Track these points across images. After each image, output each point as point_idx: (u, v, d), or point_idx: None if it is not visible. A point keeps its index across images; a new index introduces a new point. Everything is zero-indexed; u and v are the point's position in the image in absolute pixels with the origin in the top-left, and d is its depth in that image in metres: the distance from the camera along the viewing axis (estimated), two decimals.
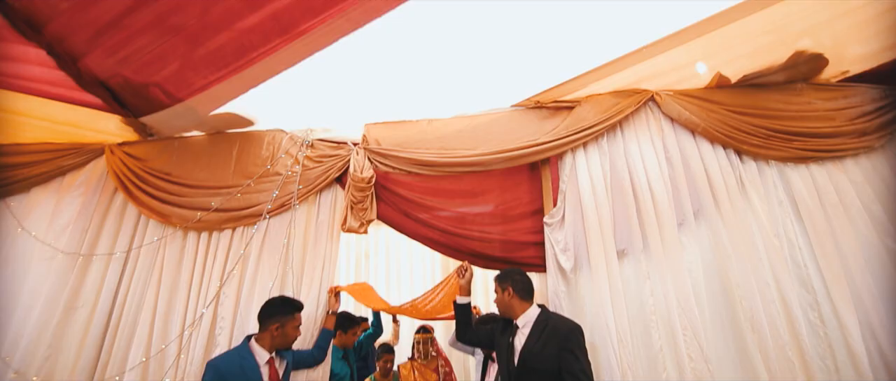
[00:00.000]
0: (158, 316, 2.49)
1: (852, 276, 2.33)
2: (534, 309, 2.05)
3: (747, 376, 2.18)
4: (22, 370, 2.37)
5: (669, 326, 2.28)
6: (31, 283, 2.60)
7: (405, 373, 3.09)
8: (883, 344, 2.20)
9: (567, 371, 1.80)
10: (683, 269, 2.39)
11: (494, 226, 2.60)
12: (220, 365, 1.93)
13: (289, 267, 2.53)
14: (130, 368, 2.37)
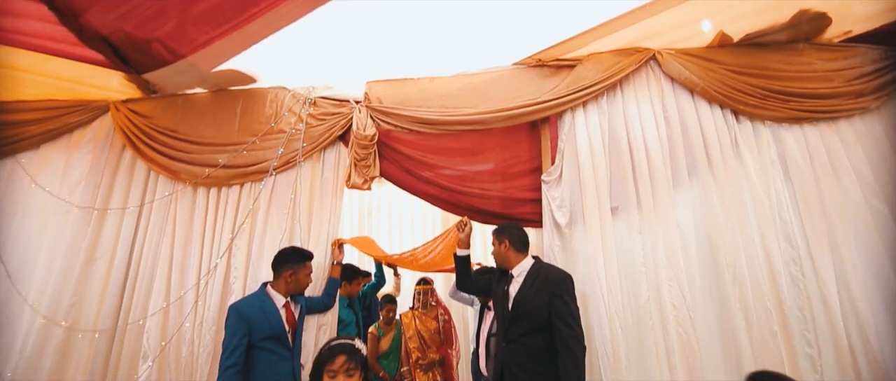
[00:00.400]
0: (175, 266, 2.63)
1: (834, 232, 2.45)
2: (528, 260, 2.18)
3: (726, 323, 2.35)
4: (50, 316, 2.54)
5: (656, 277, 2.43)
6: (49, 236, 2.72)
7: (407, 321, 3.29)
8: (856, 296, 2.35)
9: (556, 316, 1.95)
10: (673, 225, 2.51)
11: (494, 183, 2.69)
12: (242, 308, 2.08)
13: (296, 221, 2.64)
14: (152, 314, 2.54)
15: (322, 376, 1.47)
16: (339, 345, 1.50)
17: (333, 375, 1.45)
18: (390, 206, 4.69)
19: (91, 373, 2.51)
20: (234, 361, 1.93)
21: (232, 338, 1.97)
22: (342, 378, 1.44)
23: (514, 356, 2.03)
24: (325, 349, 1.52)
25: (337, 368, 1.45)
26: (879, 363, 2.22)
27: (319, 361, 1.49)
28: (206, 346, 2.43)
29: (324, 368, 1.47)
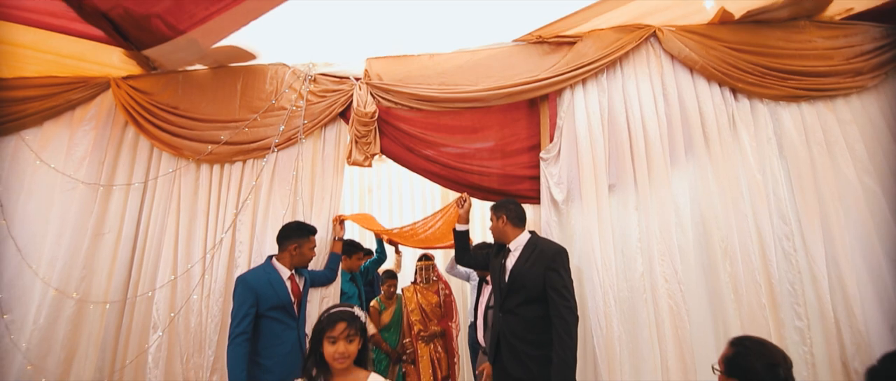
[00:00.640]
0: (181, 241, 2.69)
1: (826, 209, 2.50)
2: (525, 235, 2.24)
3: (716, 296, 2.43)
4: (62, 289, 2.62)
5: (650, 252, 2.49)
6: (56, 212, 2.77)
7: (409, 295, 3.38)
8: (843, 271, 2.42)
9: (551, 287, 2.02)
10: (669, 202, 2.56)
11: (493, 161, 2.73)
12: (249, 279, 2.16)
13: (299, 198, 2.69)
14: (160, 286, 2.62)
15: (322, 341, 1.48)
16: (338, 312, 1.51)
17: (334, 341, 1.46)
18: (390, 183, 4.73)
19: (103, 343, 2.60)
20: (243, 329, 2.01)
21: (241, 307, 2.05)
22: (342, 344, 1.46)
23: (510, 325, 2.11)
24: (324, 316, 1.53)
25: (337, 334, 1.46)
26: (862, 334, 2.30)
27: (320, 327, 1.50)
28: (213, 317, 2.52)
29: (324, 334, 1.48)
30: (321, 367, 1.48)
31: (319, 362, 1.49)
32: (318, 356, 1.49)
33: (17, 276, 2.67)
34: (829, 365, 2.36)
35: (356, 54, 2.88)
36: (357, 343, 1.49)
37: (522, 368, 2.03)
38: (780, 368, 1.19)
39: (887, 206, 2.45)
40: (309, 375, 1.48)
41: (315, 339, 1.50)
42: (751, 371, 1.23)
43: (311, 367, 1.49)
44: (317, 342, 1.49)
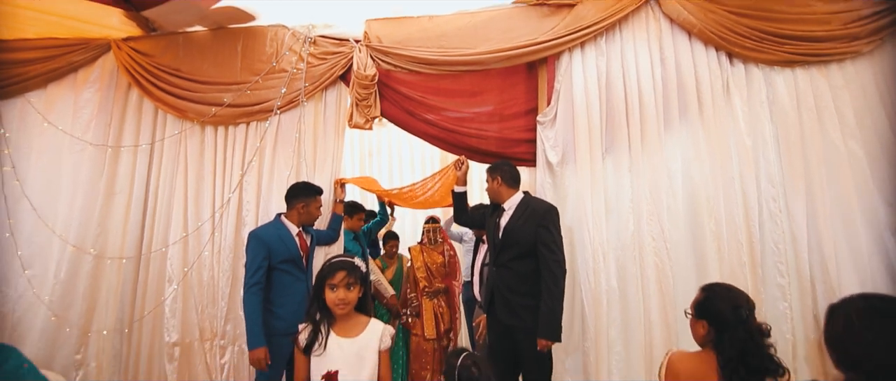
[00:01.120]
0: (190, 200, 2.80)
1: (810, 172, 2.60)
2: (518, 195, 2.35)
3: (700, 254, 2.56)
4: (79, 245, 2.75)
5: (639, 213, 2.61)
6: (67, 172, 2.86)
7: (415, 254, 3.53)
8: (822, 231, 2.55)
9: (541, 243, 2.15)
10: (660, 165, 2.65)
11: (491, 124, 2.79)
12: (261, 234, 2.29)
13: (302, 159, 2.78)
14: (173, 243, 2.75)
15: (324, 288, 1.55)
16: (339, 262, 1.57)
17: (334, 288, 1.52)
18: (391, 148, 4.81)
19: (122, 295, 2.76)
20: (257, 279, 2.16)
21: (254, 260, 2.19)
22: (342, 291, 1.53)
23: (503, 279, 2.26)
24: (325, 265, 1.59)
25: (337, 282, 1.52)
26: (834, 291, 2.45)
27: (321, 275, 1.57)
28: (225, 271, 2.67)
29: (325, 281, 1.55)
30: (324, 312, 1.57)
31: (322, 307, 1.57)
32: (321, 303, 1.57)
33: (34, 233, 2.79)
34: (802, 319, 2.54)
35: (356, 16, 2.88)
36: (357, 291, 1.56)
37: (514, 317, 2.19)
38: (743, 309, 1.33)
39: (869, 170, 2.53)
40: (313, 319, 1.57)
41: (318, 286, 1.58)
42: (717, 313, 1.36)
43: (315, 312, 1.57)
44: (319, 289, 1.57)
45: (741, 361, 1.28)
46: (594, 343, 2.46)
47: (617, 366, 2.49)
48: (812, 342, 2.49)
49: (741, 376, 1.28)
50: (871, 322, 0.98)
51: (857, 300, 1.05)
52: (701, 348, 1.43)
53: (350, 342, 1.54)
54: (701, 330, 1.41)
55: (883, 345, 0.96)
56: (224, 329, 2.64)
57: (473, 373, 1.44)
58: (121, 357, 2.74)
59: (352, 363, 1.51)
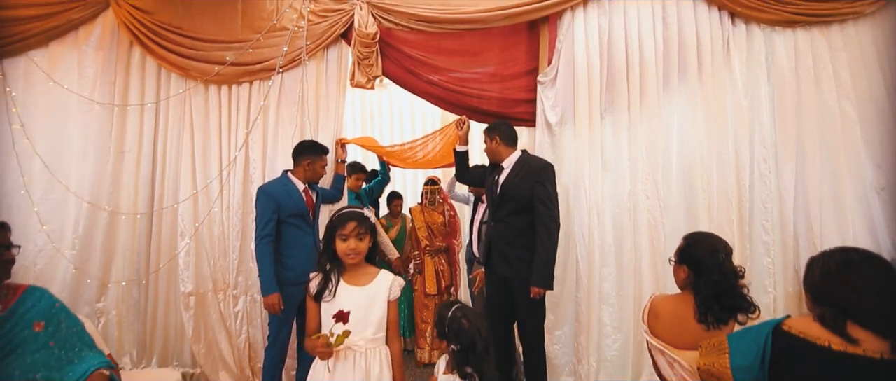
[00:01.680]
0: (198, 158, 2.87)
1: (802, 133, 2.67)
2: (516, 153, 2.43)
3: (691, 212, 2.67)
4: (93, 202, 2.85)
5: (635, 173, 2.70)
6: (75, 131, 2.90)
7: (415, 214, 3.64)
8: (809, 190, 2.65)
9: (537, 198, 2.24)
10: (657, 126, 2.71)
11: (492, 84, 2.82)
12: (269, 189, 2.38)
13: (306, 119, 2.83)
14: (183, 200, 2.85)
15: (335, 239, 1.55)
16: (349, 212, 1.58)
17: (345, 238, 1.53)
18: (392, 110, 4.83)
19: (137, 248, 2.89)
20: (267, 232, 2.27)
21: (263, 213, 2.29)
22: (353, 241, 1.53)
23: (500, 233, 2.37)
24: (335, 216, 1.59)
25: (348, 232, 1.52)
26: (816, 247, 2.58)
27: (332, 226, 1.57)
28: (234, 226, 2.78)
29: (336, 232, 1.55)
30: (334, 262, 1.58)
31: (332, 257, 1.58)
32: (331, 253, 1.57)
33: (48, 191, 2.86)
34: (784, 274, 2.68)
35: None
36: (367, 241, 1.57)
37: (511, 268, 2.32)
38: (720, 253, 1.44)
39: (860, 131, 2.60)
40: (323, 269, 1.58)
41: (328, 237, 1.58)
42: (696, 258, 1.47)
43: (325, 262, 1.58)
44: (329, 239, 1.57)
45: (716, 300, 1.41)
46: (586, 294, 2.60)
47: (608, 317, 2.66)
48: (791, 296, 2.64)
49: (715, 313, 1.40)
50: (847, 272, 1.09)
51: (835, 253, 1.15)
52: (681, 290, 1.55)
53: (360, 290, 1.56)
54: (682, 274, 1.52)
55: (855, 289, 1.07)
56: (236, 281, 2.78)
57: (463, 325, 1.47)
58: (139, 306, 2.90)
59: (361, 311, 1.51)
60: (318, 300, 1.56)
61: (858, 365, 1.03)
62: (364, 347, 1.51)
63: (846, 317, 1.06)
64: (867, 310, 1.04)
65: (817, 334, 1.07)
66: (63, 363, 1.48)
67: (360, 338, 1.50)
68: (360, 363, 1.49)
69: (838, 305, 1.07)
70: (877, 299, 1.04)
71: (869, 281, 1.06)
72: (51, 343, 1.49)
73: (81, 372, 1.46)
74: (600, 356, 2.61)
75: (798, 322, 1.13)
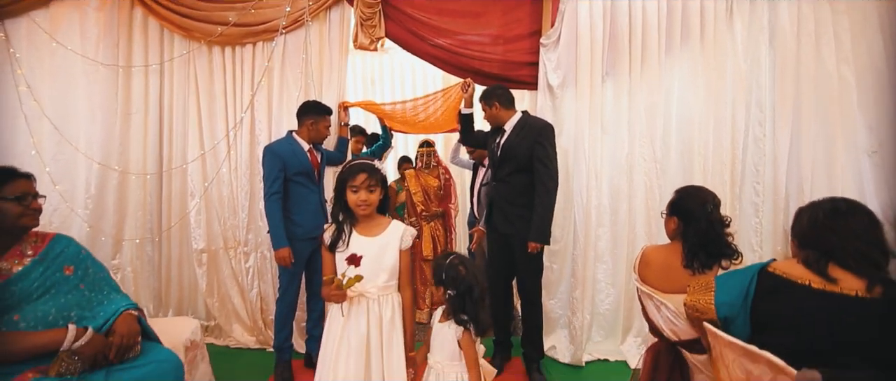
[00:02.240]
0: (204, 120, 2.91)
1: (800, 97, 2.70)
2: (517, 114, 2.48)
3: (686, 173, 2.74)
4: (104, 162, 2.91)
5: (633, 136, 2.76)
6: (81, 92, 2.93)
7: (411, 178, 3.69)
8: (802, 154, 2.72)
9: (536, 158, 2.32)
10: (658, 90, 2.74)
11: (495, 46, 2.83)
12: (275, 148, 2.44)
13: (310, 80, 2.86)
14: (191, 160, 2.92)
15: (346, 191, 1.56)
16: (359, 164, 1.57)
17: (356, 190, 1.53)
18: (393, 75, 4.83)
19: (149, 207, 2.98)
20: (275, 189, 2.36)
21: (271, 172, 2.37)
22: (364, 193, 1.54)
23: (501, 192, 2.46)
24: (346, 168, 1.58)
25: (359, 184, 1.53)
26: None
27: (342, 178, 1.57)
28: (243, 186, 2.87)
29: (347, 184, 1.55)
30: (346, 213, 1.60)
31: (344, 209, 1.60)
32: (343, 204, 1.59)
33: (58, 152, 2.92)
34: (773, 233, 2.78)
35: None
36: (378, 193, 1.58)
37: (511, 226, 2.42)
38: (709, 204, 1.53)
39: (856, 95, 2.63)
40: (336, 220, 1.61)
41: (339, 188, 1.59)
42: (686, 209, 1.56)
43: (338, 213, 1.61)
44: (341, 191, 1.58)
45: (703, 247, 1.50)
46: (583, 252, 2.71)
47: (603, 273, 2.79)
48: (778, 254, 2.75)
49: (701, 259, 1.51)
50: (834, 220, 1.16)
51: (824, 202, 1.22)
52: (671, 241, 1.65)
53: (372, 240, 1.57)
54: (672, 225, 1.62)
55: (840, 235, 1.13)
56: (246, 238, 2.89)
57: (460, 271, 1.50)
58: (154, 263, 3.02)
59: (374, 259, 1.53)
60: (333, 250, 1.59)
61: (835, 302, 1.09)
62: (376, 293, 1.55)
63: (829, 259, 1.13)
64: (849, 253, 1.11)
65: (800, 274, 1.15)
66: (93, 303, 1.59)
67: (373, 286, 1.53)
68: (374, 309, 1.54)
69: (823, 249, 1.14)
70: (860, 244, 1.11)
71: (854, 228, 1.13)
72: (81, 286, 1.59)
73: (111, 312, 1.57)
74: (594, 310, 2.75)
75: (782, 264, 1.22)
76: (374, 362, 1.51)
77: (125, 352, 1.52)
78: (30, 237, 1.57)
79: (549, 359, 2.71)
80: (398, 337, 1.56)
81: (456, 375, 1.52)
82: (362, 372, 1.50)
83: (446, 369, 1.52)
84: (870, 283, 1.08)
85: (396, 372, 1.52)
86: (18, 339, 1.36)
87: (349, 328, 1.53)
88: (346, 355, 1.51)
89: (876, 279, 1.08)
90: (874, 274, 1.09)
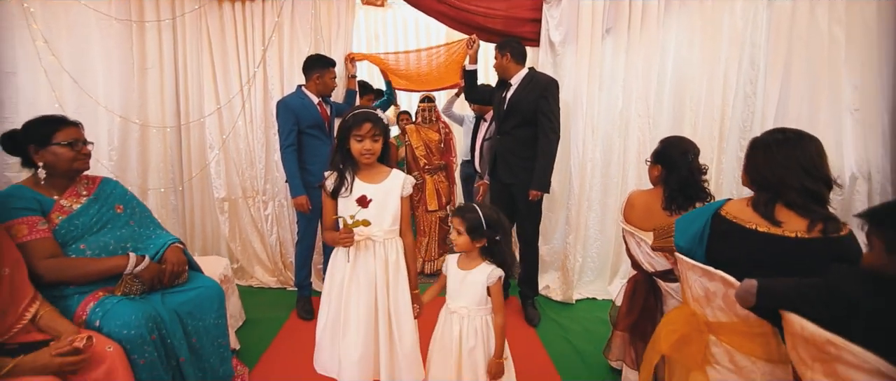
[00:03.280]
0: (218, 75, 3.03)
1: (791, 56, 2.81)
2: (524, 70, 2.60)
3: (678, 129, 2.90)
4: (124, 116, 3.06)
5: (629, 92, 2.89)
6: (97, 47, 3.01)
7: (412, 132, 3.81)
8: (790, 110, 2.86)
9: (540, 112, 2.47)
10: (656, 46, 2.85)
11: (499, 2, 2.90)
12: (288, 102, 2.59)
13: (319, 36, 2.95)
14: (208, 114, 3.06)
15: (349, 139, 1.55)
16: (364, 113, 1.55)
17: (360, 139, 1.53)
18: (396, 31, 4.86)
19: (171, 159, 3.16)
20: (291, 141, 2.53)
21: (285, 125, 2.53)
22: (368, 142, 1.54)
23: (506, 144, 2.63)
24: (350, 117, 1.56)
25: (364, 133, 1.53)
26: None
27: (346, 126, 1.55)
28: (259, 139, 3.04)
29: (351, 132, 1.54)
30: (348, 161, 1.60)
31: (346, 157, 1.60)
32: (346, 153, 1.59)
33: (80, 105, 3.05)
34: None
35: None
36: (380, 143, 1.59)
37: (513, 176, 2.61)
38: (690, 153, 1.71)
39: (844, 54, 2.74)
40: (337, 167, 1.60)
41: (342, 137, 1.58)
42: (668, 157, 1.75)
43: (339, 161, 1.60)
44: (344, 139, 1.58)
45: (681, 191, 1.70)
46: (577, 201, 2.93)
47: (593, 221, 3.02)
48: None
49: (679, 202, 1.71)
50: (781, 148, 1.22)
51: (774, 132, 1.28)
52: (653, 186, 1.84)
53: (376, 187, 1.59)
54: (655, 172, 1.81)
55: (786, 165, 1.19)
56: (264, 188, 3.10)
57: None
58: (179, 211, 3.24)
59: (378, 205, 1.56)
60: (335, 197, 1.60)
61: (778, 245, 1.17)
62: (382, 237, 1.59)
63: (776, 200, 1.21)
64: (794, 187, 1.19)
65: (748, 218, 1.24)
66: (143, 237, 1.81)
67: (379, 229, 1.57)
68: (379, 252, 1.58)
69: (771, 182, 1.23)
70: (803, 175, 1.19)
71: (799, 157, 1.19)
72: (131, 222, 1.81)
73: (160, 244, 1.79)
74: (585, 254, 3.01)
75: (734, 207, 1.30)
76: (381, 300, 1.56)
77: (175, 278, 1.76)
78: (82, 179, 1.76)
79: (543, 297, 3.00)
80: (403, 277, 1.61)
81: (482, 319, 1.55)
82: (373, 310, 1.56)
83: (472, 313, 1.54)
84: (811, 222, 1.16)
85: (403, 309, 1.59)
86: (88, 264, 1.59)
87: (358, 269, 1.57)
88: (357, 294, 1.56)
89: (817, 218, 1.16)
90: (815, 212, 1.18)
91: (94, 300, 1.55)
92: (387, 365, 1.56)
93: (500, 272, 1.54)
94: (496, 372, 1.53)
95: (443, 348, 1.59)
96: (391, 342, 1.58)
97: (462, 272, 1.58)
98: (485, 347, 1.55)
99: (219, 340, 1.85)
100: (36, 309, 1.44)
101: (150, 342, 1.52)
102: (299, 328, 2.63)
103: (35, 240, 1.51)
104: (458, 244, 1.54)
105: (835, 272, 0.97)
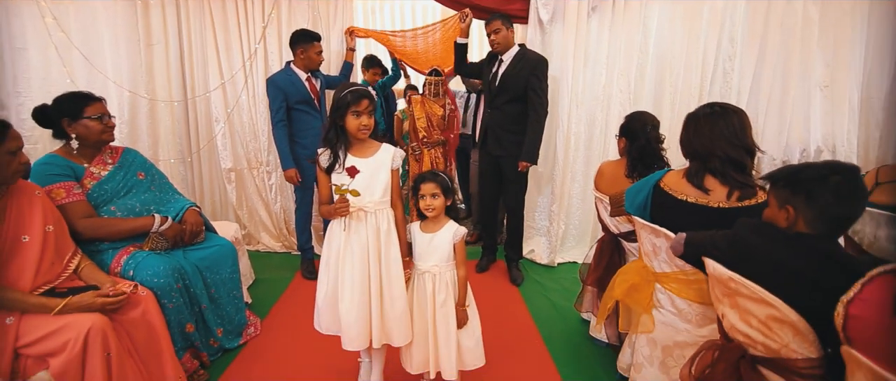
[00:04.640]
0: (221, 52, 3.17)
1: (767, 33, 2.96)
2: (515, 47, 2.75)
3: (657, 104, 3.07)
4: (133, 90, 3.22)
5: (612, 69, 3.04)
6: (104, 24, 3.13)
7: (416, 105, 3.93)
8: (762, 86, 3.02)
9: (530, 88, 2.63)
10: (638, 24, 2.98)
11: None
12: (276, 80, 2.73)
13: (316, 13, 3.07)
14: (213, 89, 3.23)
15: (346, 115, 1.59)
16: (361, 90, 1.60)
17: (358, 114, 1.59)
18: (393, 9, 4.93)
19: (179, 132, 3.34)
20: (280, 117, 2.69)
21: (274, 102, 2.68)
22: (365, 118, 1.61)
23: (496, 119, 2.80)
24: (347, 93, 1.59)
25: (362, 109, 1.59)
26: (758, 134, 3.03)
27: (344, 102, 1.58)
28: (261, 113, 3.21)
29: (348, 108, 1.58)
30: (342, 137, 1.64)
31: (340, 133, 1.63)
32: (338, 129, 1.63)
33: (90, 80, 3.20)
34: None
35: None
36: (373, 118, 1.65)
37: (503, 149, 2.79)
38: (649, 125, 1.90)
39: (818, 31, 2.88)
40: (332, 143, 1.63)
41: (339, 113, 1.61)
42: (632, 130, 1.94)
43: (334, 137, 1.63)
44: (340, 116, 1.61)
45: (641, 160, 1.90)
46: (561, 172, 3.13)
47: (576, 191, 3.23)
48: None
49: (640, 170, 1.91)
50: (708, 121, 1.35)
51: (703, 107, 1.41)
52: (621, 157, 2.05)
53: (367, 161, 1.65)
54: (621, 144, 2.01)
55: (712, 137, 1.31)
56: (267, 159, 3.29)
57: (448, 177, 1.70)
58: (188, 180, 3.45)
59: (369, 178, 1.64)
60: (330, 173, 1.66)
61: (704, 214, 1.30)
62: (373, 208, 1.66)
63: (706, 171, 1.33)
64: (718, 156, 1.31)
65: (682, 189, 1.38)
66: (164, 201, 2.03)
67: (370, 200, 1.65)
68: (371, 222, 1.66)
69: (700, 152, 1.35)
70: (726, 145, 1.31)
71: (722, 128, 1.31)
72: (152, 188, 2.02)
73: (179, 208, 2.01)
74: (568, 221, 3.24)
75: (672, 179, 1.42)
76: (374, 267, 1.65)
77: (195, 237, 1.99)
78: (106, 149, 1.96)
79: (527, 260, 3.25)
80: (395, 245, 1.69)
81: (451, 274, 1.69)
82: (366, 276, 1.65)
83: (442, 269, 1.67)
84: (729, 191, 1.28)
85: (395, 275, 1.68)
86: (119, 223, 1.82)
87: (351, 239, 1.65)
88: (352, 261, 1.64)
89: (735, 186, 1.29)
90: (733, 181, 1.29)
91: (126, 254, 1.78)
92: (379, 327, 1.66)
93: (464, 230, 1.69)
94: (462, 318, 1.69)
95: (419, 306, 1.71)
96: (382, 306, 1.67)
97: (428, 235, 1.70)
98: (454, 299, 1.69)
99: (234, 292, 2.11)
100: (78, 262, 1.67)
101: (176, 289, 1.77)
102: (304, 285, 2.89)
103: (72, 202, 1.73)
104: (436, 207, 1.68)
105: (739, 224, 1.19)
